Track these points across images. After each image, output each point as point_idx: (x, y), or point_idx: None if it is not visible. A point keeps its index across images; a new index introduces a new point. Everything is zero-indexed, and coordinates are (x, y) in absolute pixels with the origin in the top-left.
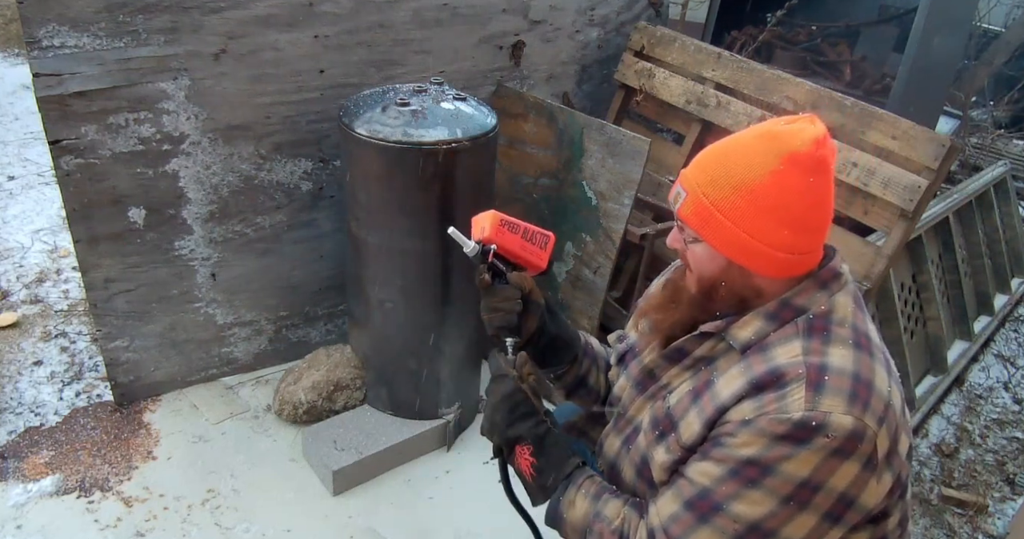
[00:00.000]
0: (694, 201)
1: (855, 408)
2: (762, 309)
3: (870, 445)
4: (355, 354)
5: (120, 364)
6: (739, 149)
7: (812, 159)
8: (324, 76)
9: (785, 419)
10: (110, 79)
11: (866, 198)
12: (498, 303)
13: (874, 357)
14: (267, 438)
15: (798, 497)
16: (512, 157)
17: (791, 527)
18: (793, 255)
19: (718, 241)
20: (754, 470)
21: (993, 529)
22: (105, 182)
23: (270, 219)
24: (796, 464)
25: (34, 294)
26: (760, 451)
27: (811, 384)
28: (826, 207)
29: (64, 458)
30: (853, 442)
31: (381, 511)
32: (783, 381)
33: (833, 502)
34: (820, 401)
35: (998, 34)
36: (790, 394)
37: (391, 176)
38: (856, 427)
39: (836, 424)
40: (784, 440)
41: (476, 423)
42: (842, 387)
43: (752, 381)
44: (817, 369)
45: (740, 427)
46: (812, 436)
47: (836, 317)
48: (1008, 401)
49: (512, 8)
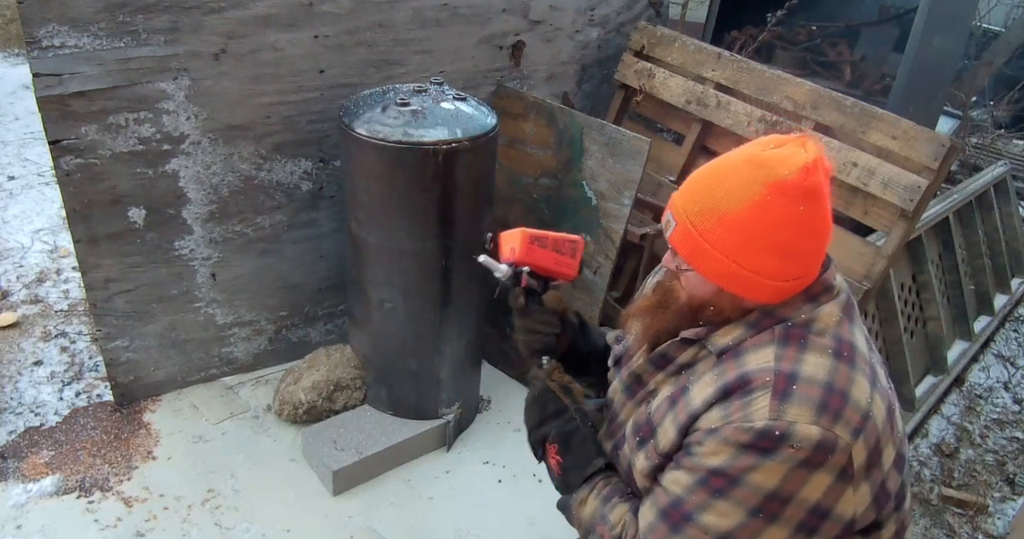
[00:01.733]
0: (683, 231)
1: (824, 418)
2: (744, 319)
3: (843, 456)
4: (355, 354)
5: (120, 364)
6: (726, 177)
7: (800, 188)
8: (324, 76)
9: (748, 428)
10: (110, 79)
11: (866, 198)
12: (535, 326)
13: (855, 368)
14: (267, 438)
15: (767, 509)
16: (512, 157)
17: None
18: (787, 282)
19: (707, 271)
20: (721, 480)
21: (993, 529)
22: (105, 182)
23: (270, 219)
24: (763, 475)
25: (34, 294)
26: (726, 461)
27: (777, 392)
28: (819, 233)
29: (64, 458)
30: (822, 453)
31: (381, 511)
32: (749, 388)
33: (806, 514)
34: (785, 410)
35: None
36: (755, 402)
37: (391, 176)
38: (824, 438)
39: (801, 434)
40: (749, 450)
41: (476, 423)
42: (811, 396)
43: (721, 387)
44: (786, 377)
45: (707, 436)
46: (776, 446)
47: (817, 326)
48: (1008, 401)
49: (512, 8)
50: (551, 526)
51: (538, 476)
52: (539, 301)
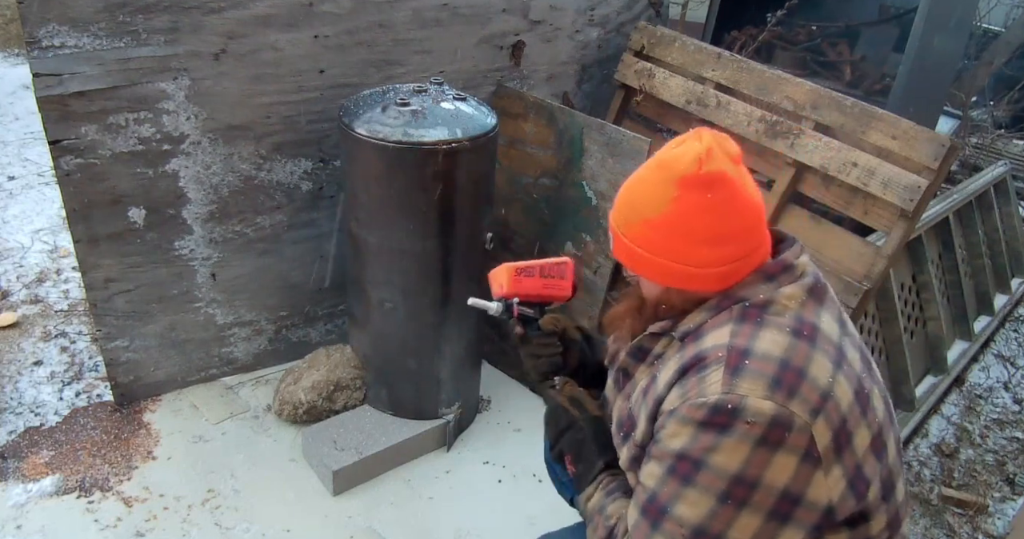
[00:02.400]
0: (618, 243)
1: (777, 394)
2: (705, 304)
3: (803, 436)
4: (355, 354)
5: (120, 364)
6: (641, 185)
7: (699, 178)
8: (324, 76)
9: (701, 403)
10: (110, 79)
11: (866, 198)
12: (538, 351)
13: (816, 347)
14: (267, 438)
15: (734, 495)
16: (512, 157)
17: (736, 529)
18: (724, 266)
19: (648, 273)
20: (686, 465)
21: (993, 529)
22: (105, 182)
23: (270, 219)
24: (724, 456)
25: (34, 294)
26: (687, 442)
27: (730, 367)
28: (739, 213)
29: (64, 458)
30: (778, 431)
31: (381, 511)
32: (704, 363)
33: (775, 500)
34: (737, 384)
35: (998, 34)
36: (709, 377)
37: (391, 176)
38: (779, 414)
39: (754, 408)
40: (705, 427)
41: (476, 423)
42: (764, 371)
43: (680, 368)
44: (740, 352)
45: (668, 418)
46: (731, 422)
47: (775, 307)
48: (1008, 401)
49: (512, 8)
50: (551, 526)
51: (538, 476)
52: (537, 327)
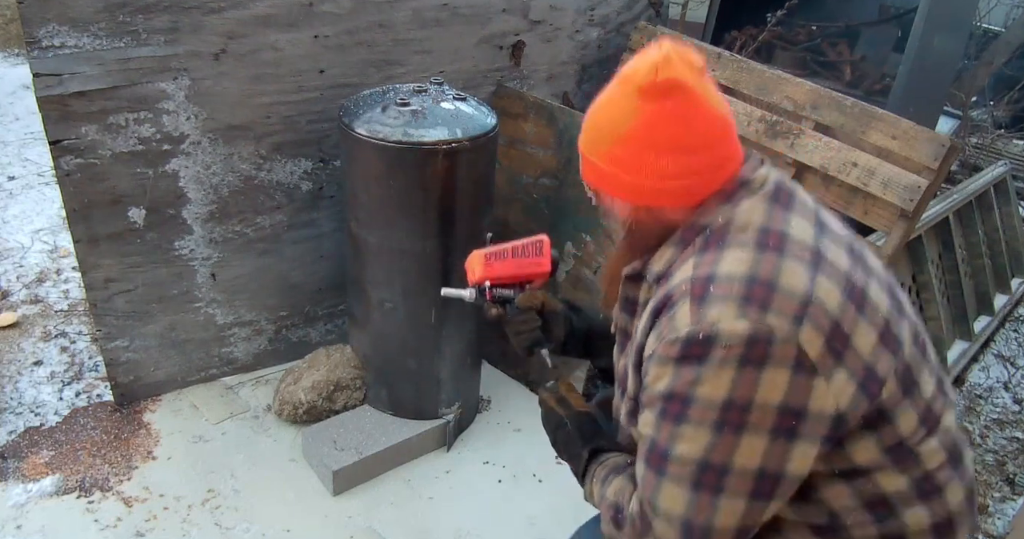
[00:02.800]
0: (586, 164)
1: (750, 311)
2: (672, 238)
3: (789, 347)
4: (355, 354)
5: (120, 364)
6: (606, 103)
7: (656, 86)
8: (324, 76)
9: (674, 340)
10: (110, 79)
11: (866, 198)
12: (518, 328)
13: (785, 255)
14: (267, 438)
15: (729, 421)
16: (512, 157)
17: (741, 456)
18: (685, 179)
19: (616, 191)
20: (675, 405)
21: (993, 529)
22: (105, 182)
23: (270, 219)
24: (709, 386)
25: (34, 294)
26: (670, 381)
27: (695, 298)
28: (702, 119)
29: (64, 458)
30: (759, 348)
31: (381, 511)
32: (671, 302)
33: (776, 417)
34: (704, 313)
35: (998, 34)
36: (677, 314)
37: (391, 176)
38: (755, 331)
39: (727, 332)
40: (683, 362)
41: (476, 423)
42: (729, 293)
43: (652, 311)
44: (702, 281)
45: (649, 362)
46: (707, 351)
47: (736, 225)
48: (1008, 401)
49: (512, 8)
50: (551, 526)
51: (538, 476)
52: (516, 307)
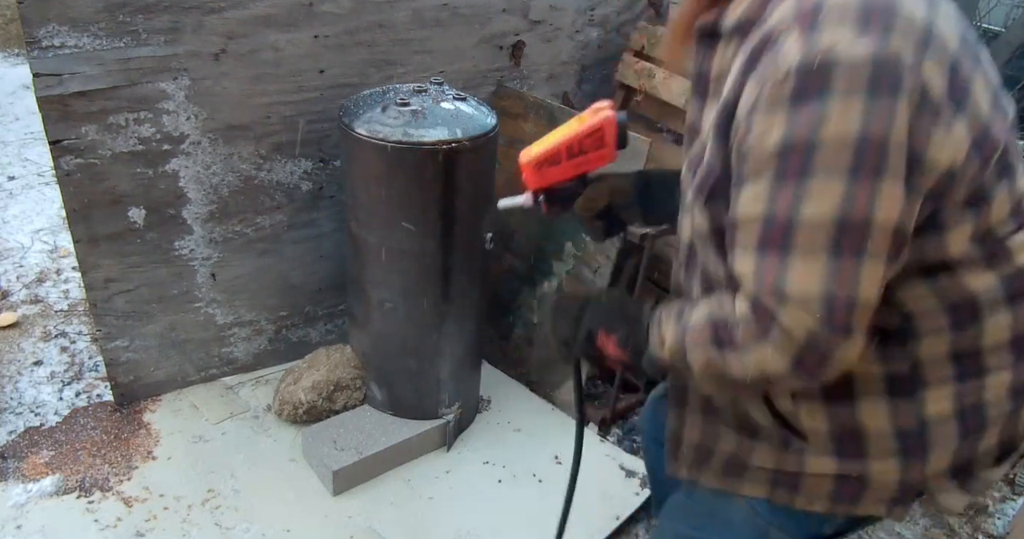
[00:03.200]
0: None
1: (869, 32)
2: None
3: (912, 76)
4: (355, 354)
5: (120, 364)
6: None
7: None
8: (324, 76)
9: (784, 75)
10: (110, 79)
11: None
12: (585, 227)
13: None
14: (267, 438)
15: (866, 164)
16: (512, 157)
17: (881, 206)
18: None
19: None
20: (795, 157)
21: (993, 529)
22: (105, 182)
23: (270, 219)
24: (835, 123)
25: (34, 294)
26: (786, 130)
27: (803, 26)
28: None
29: (64, 458)
30: (886, 71)
31: (381, 511)
32: (773, 38)
33: (895, 158)
34: (817, 40)
35: (998, 34)
36: (783, 48)
37: (391, 176)
38: (878, 51)
39: (848, 55)
40: (800, 100)
41: (476, 423)
42: (844, 17)
43: (747, 60)
44: (809, 10)
45: (750, 117)
46: (826, 80)
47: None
48: None
49: (512, 8)
50: (551, 526)
51: (538, 476)
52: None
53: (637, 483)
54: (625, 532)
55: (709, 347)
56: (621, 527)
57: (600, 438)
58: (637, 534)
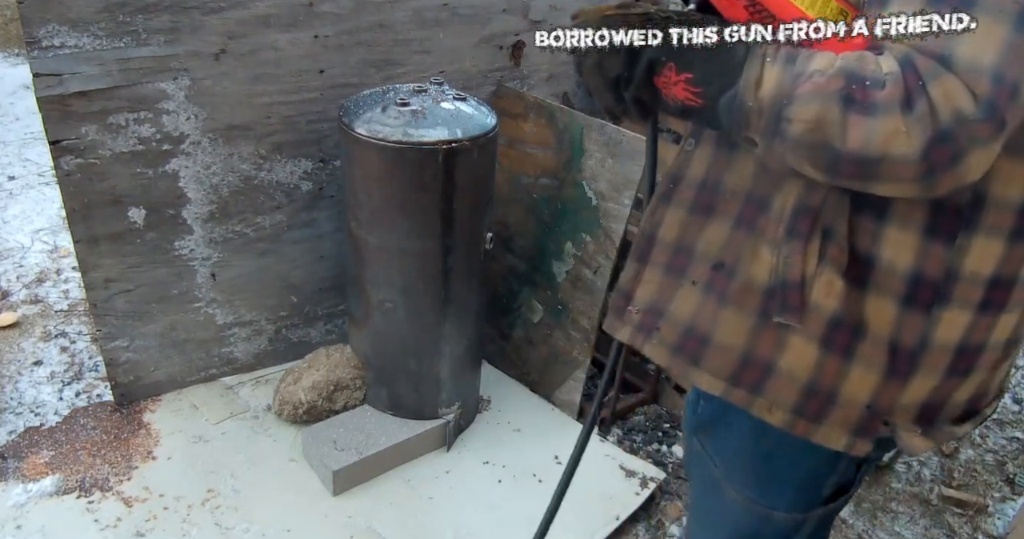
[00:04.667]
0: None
1: None
2: None
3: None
4: (355, 354)
5: (120, 364)
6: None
7: None
8: (324, 76)
9: None
10: (110, 79)
11: None
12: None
13: None
14: (267, 438)
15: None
16: (512, 157)
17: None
18: None
19: None
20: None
21: (993, 529)
22: (105, 182)
23: (270, 219)
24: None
25: (34, 294)
26: None
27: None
28: None
29: (64, 458)
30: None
31: (381, 511)
32: None
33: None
34: None
35: None
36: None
37: (391, 176)
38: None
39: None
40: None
41: (476, 423)
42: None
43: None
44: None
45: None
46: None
47: None
48: (1008, 401)
49: (512, 8)
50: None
51: (538, 476)
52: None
53: (637, 483)
54: (625, 532)
55: (832, 100)
56: (621, 527)
57: (600, 438)
58: (637, 534)
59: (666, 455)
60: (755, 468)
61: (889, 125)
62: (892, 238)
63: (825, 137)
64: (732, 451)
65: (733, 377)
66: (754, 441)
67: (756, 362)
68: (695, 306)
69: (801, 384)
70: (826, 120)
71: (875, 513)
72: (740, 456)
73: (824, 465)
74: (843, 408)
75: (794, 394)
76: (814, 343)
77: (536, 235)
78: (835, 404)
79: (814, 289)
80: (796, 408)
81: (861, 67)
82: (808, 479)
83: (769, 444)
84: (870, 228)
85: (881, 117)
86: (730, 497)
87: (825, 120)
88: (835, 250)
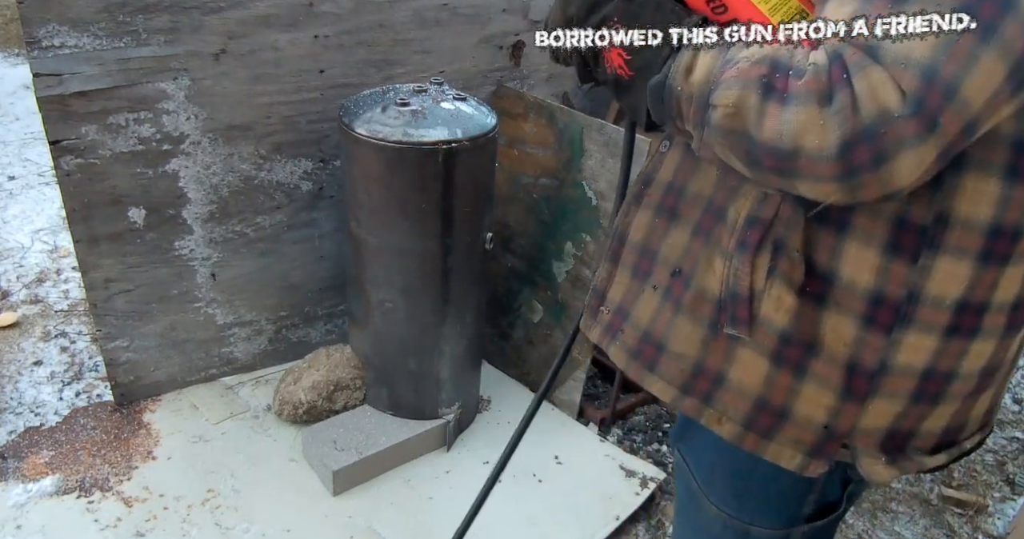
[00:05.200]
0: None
1: None
2: None
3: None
4: (355, 354)
5: (120, 364)
6: None
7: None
8: (324, 76)
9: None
10: (110, 79)
11: None
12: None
13: None
14: (267, 438)
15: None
16: (512, 157)
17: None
18: None
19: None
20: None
21: (993, 529)
22: (105, 182)
23: (270, 219)
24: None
25: (34, 294)
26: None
27: None
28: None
29: (64, 458)
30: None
31: (381, 511)
32: None
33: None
34: None
35: None
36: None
37: (391, 176)
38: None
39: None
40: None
41: (476, 423)
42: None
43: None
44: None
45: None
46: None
47: None
48: (1008, 401)
49: (512, 8)
50: (551, 526)
51: (538, 476)
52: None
53: (637, 483)
54: (625, 532)
55: (751, 87)
56: (621, 527)
57: (600, 438)
58: (637, 534)
59: (666, 455)
60: (732, 483)
61: (803, 116)
62: (852, 254)
63: (744, 124)
64: (708, 466)
65: (685, 386)
66: (730, 455)
67: (707, 372)
68: (653, 311)
69: (752, 397)
70: (744, 106)
71: (875, 513)
72: (716, 471)
73: (801, 482)
74: (797, 426)
75: (744, 406)
76: (764, 357)
77: (536, 235)
78: (788, 420)
79: (763, 303)
80: (746, 421)
81: (789, 56)
82: (785, 496)
83: (743, 459)
84: (829, 243)
85: (795, 107)
86: (710, 512)
87: (744, 106)
88: (786, 264)
